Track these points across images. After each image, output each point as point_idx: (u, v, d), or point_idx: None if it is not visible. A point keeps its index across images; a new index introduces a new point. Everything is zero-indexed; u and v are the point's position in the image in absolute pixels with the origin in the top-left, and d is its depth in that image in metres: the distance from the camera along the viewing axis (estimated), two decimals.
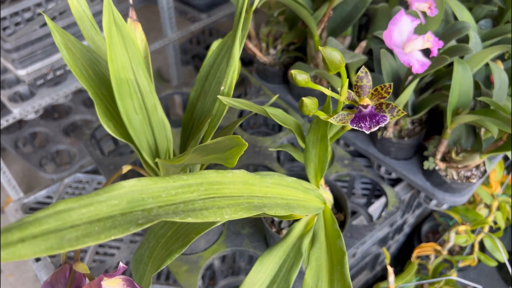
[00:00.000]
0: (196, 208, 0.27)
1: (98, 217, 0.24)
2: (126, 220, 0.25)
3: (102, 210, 0.24)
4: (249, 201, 0.31)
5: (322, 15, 0.69)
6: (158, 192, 0.27)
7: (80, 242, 0.22)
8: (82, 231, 0.23)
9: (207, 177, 0.30)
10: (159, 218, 0.25)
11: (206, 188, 0.29)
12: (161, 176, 0.28)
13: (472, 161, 0.65)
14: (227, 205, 0.29)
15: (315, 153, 0.51)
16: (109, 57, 0.42)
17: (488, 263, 0.77)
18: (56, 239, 0.22)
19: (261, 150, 0.75)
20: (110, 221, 0.24)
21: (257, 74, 0.90)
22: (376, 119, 0.40)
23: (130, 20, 0.52)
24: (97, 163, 0.71)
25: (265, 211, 0.31)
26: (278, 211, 0.33)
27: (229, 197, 0.30)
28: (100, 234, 0.23)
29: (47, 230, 0.22)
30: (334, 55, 0.35)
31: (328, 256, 0.40)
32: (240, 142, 0.30)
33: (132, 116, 0.46)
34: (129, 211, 0.25)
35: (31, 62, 0.98)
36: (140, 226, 0.24)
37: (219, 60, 0.53)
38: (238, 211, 0.29)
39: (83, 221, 0.24)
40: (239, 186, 0.31)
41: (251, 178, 0.33)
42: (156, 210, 0.26)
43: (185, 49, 1.71)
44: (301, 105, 0.38)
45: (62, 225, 0.23)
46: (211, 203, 0.28)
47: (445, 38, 0.66)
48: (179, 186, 0.28)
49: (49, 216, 0.23)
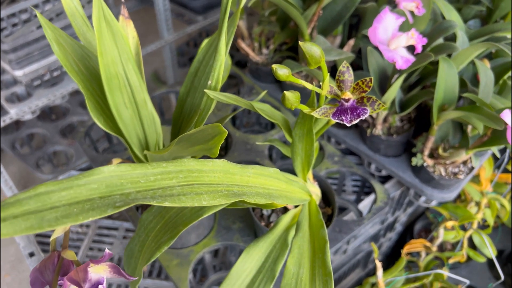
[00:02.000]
0: (174, 194, 0.28)
1: (77, 200, 0.25)
2: (104, 203, 0.26)
3: (81, 193, 0.26)
4: (229, 188, 0.32)
5: (312, 14, 0.70)
6: (137, 178, 0.28)
7: (59, 222, 0.23)
8: (62, 212, 0.24)
9: (187, 165, 0.31)
10: (136, 202, 0.26)
11: (185, 175, 0.30)
12: (140, 163, 0.29)
13: (458, 157, 0.66)
14: (205, 192, 0.30)
15: (302, 147, 0.52)
16: (99, 52, 0.43)
17: (477, 259, 0.78)
18: (36, 219, 0.23)
19: (253, 147, 0.76)
20: (89, 204, 0.25)
21: (250, 73, 0.91)
22: (357, 113, 0.41)
23: (122, 17, 0.53)
24: (91, 160, 0.73)
25: (245, 198, 0.32)
26: (258, 199, 0.34)
27: (208, 184, 0.31)
28: (78, 215, 0.24)
29: (28, 210, 0.24)
30: (314, 50, 0.37)
31: (311, 245, 0.41)
32: (221, 130, 0.31)
33: (122, 110, 0.47)
34: (107, 195, 0.26)
35: (28, 63, 0.99)
36: (118, 208, 0.26)
37: (208, 56, 0.54)
38: (216, 198, 0.30)
39: (63, 203, 0.25)
40: (219, 175, 0.32)
41: (232, 167, 0.34)
42: (134, 195, 0.27)
43: (182, 52, 1.72)
44: (283, 99, 0.40)
45: (42, 206, 0.24)
46: (190, 189, 0.29)
47: (432, 37, 0.67)
48: (158, 172, 0.29)
49: (29, 198, 0.24)
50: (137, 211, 0.60)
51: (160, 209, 0.43)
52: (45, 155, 1.28)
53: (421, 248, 0.78)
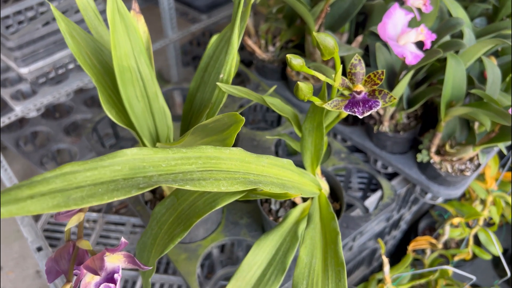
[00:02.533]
0: (194, 178, 0.29)
1: (101, 180, 0.26)
2: (128, 184, 0.26)
3: (105, 174, 0.26)
4: (245, 176, 0.33)
5: (319, 11, 0.71)
6: (159, 162, 0.28)
7: (85, 202, 0.24)
8: (87, 191, 0.25)
9: (205, 152, 0.31)
10: (158, 184, 0.27)
11: (204, 161, 0.30)
12: (161, 148, 0.29)
13: (465, 153, 0.66)
14: (223, 178, 0.30)
15: (311, 141, 0.52)
16: (113, 45, 0.43)
17: (483, 256, 0.78)
18: (62, 198, 0.23)
19: (259, 143, 0.76)
20: (113, 184, 0.26)
21: (256, 71, 0.92)
22: (369, 105, 0.41)
23: (133, 12, 0.54)
24: (98, 155, 0.73)
25: (261, 186, 0.33)
26: (273, 188, 0.35)
27: (226, 171, 0.31)
28: (103, 195, 0.25)
29: (54, 189, 0.24)
30: (328, 40, 0.37)
31: (323, 236, 0.41)
32: (238, 118, 0.31)
33: (134, 103, 0.48)
34: (131, 177, 0.27)
35: (34, 61, 1.00)
36: (141, 190, 0.26)
37: (218, 51, 0.54)
38: (234, 184, 0.31)
39: (88, 183, 0.25)
40: (236, 163, 0.33)
41: (247, 156, 0.34)
42: (156, 177, 0.27)
43: (185, 51, 1.73)
44: (297, 90, 0.40)
45: (68, 185, 0.24)
46: (209, 175, 0.30)
47: (439, 34, 0.67)
48: (179, 157, 0.29)
49: (56, 177, 0.24)
50: (146, 205, 0.60)
51: (173, 202, 0.43)
52: (49, 153, 1.28)
53: (426, 245, 0.78)
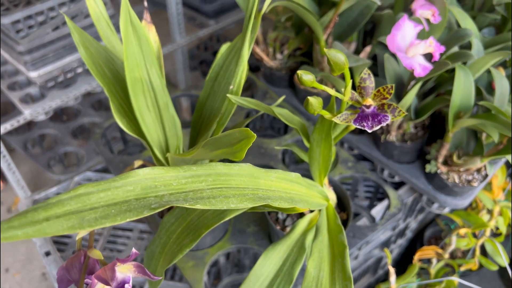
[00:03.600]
0: (205, 196, 0.29)
1: (114, 201, 0.26)
2: (140, 204, 0.27)
3: (118, 194, 0.27)
4: (254, 192, 0.33)
5: (328, 20, 0.71)
6: (170, 181, 0.29)
7: (99, 223, 0.24)
8: (101, 212, 0.25)
9: (215, 169, 0.31)
10: (170, 204, 0.27)
11: (214, 178, 0.31)
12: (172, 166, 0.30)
13: (473, 165, 0.66)
14: (233, 195, 0.31)
15: (319, 152, 0.52)
16: (125, 56, 0.44)
17: (489, 267, 0.78)
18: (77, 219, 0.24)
19: (267, 151, 0.77)
20: (126, 205, 0.26)
21: (264, 78, 0.92)
22: (378, 119, 0.42)
23: (144, 22, 0.54)
24: (107, 162, 0.74)
25: (269, 202, 0.33)
26: (282, 203, 0.35)
27: (235, 188, 0.32)
28: (116, 216, 0.25)
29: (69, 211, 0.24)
30: (339, 56, 0.37)
31: (330, 249, 0.41)
32: (250, 134, 0.32)
33: (145, 113, 0.48)
34: (143, 197, 0.27)
35: (43, 65, 1.01)
36: (153, 210, 0.26)
37: (228, 61, 0.55)
38: (243, 201, 0.31)
39: (101, 204, 0.26)
40: (245, 179, 0.33)
41: (256, 171, 0.35)
42: (167, 197, 0.28)
43: (192, 55, 1.73)
44: (307, 104, 0.40)
45: (82, 207, 0.25)
46: (218, 192, 0.30)
47: (448, 45, 0.67)
48: (189, 175, 0.30)
49: (70, 199, 0.25)
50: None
51: (182, 212, 0.43)
52: (56, 156, 1.30)
53: (433, 255, 0.78)
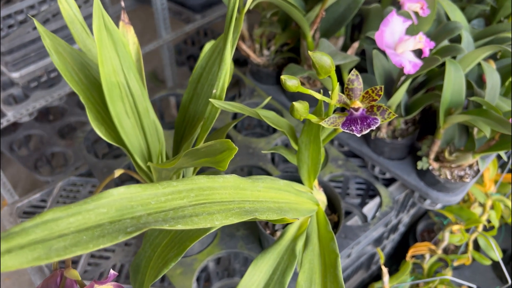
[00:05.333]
0: (186, 215, 0.27)
1: (86, 226, 0.24)
2: (115, 228, 0.24)
3: (90, 218, 0.24)
4: (241, 205, 0.31)
5: (314, 16, 0.69)
6: (148, 199, 0.27)
7: (68, 252, 0.22)
8: (70, 240, 0.23)
9: (198, 183, 0.30)
10: (148, 226, 0.25)
11: (196, 193, 0.29)
12: (150, 183, 0.28)
13: (465, 161, 0.65)
14: (217, 211, 0.29)
15: (308, 155, 0.51)
16: (100, 61, 0.41)
17: (483, 261, 0.78)
18: (43, 249, 0.22)
19: (255, 151, 0.75)
20: (99, 230, 0.24)
21: (251, 75, 0.90)
22: (367, 122, 0.40)
23: (122, 23, 0.52)
24: (91, 166, 0.71)
25: (257, 216, 0.31)
26: (270, 215, 0.33)
27: (220, 202, 0.30)
28: (88, 243, 0.23)
29: (34, 240, 0.22)
30: (324, 60, 0.35)
31: (321, 259, 0.40)
32: (230, 146, 0.30)
33: (124, 120, 0.46)
34: (118, 219, 0.25)
35: (25, 65, 0.98)
36: (129, 235, 0.24)
37: (211, 62, 0.53)
38: (229, 217, 0.29)
39: (71, 230, 0.23)
40: (230, 191, 0.31)
41: (242, 182, 0.33)
42: (145, 218, 0.26)
43: (179, 50, 1.70)
44: (292, 110, 0.38)
45: (50, 234, 0.23)
46: (202, 209, 0.28)
47: (437, 38, 0.66)
48: (169, 192, 0.28)
49: (36, 226, 0.23)
50: None
51: None
52: (43, 157, 1.27)
53: (426, 251, 0.78)
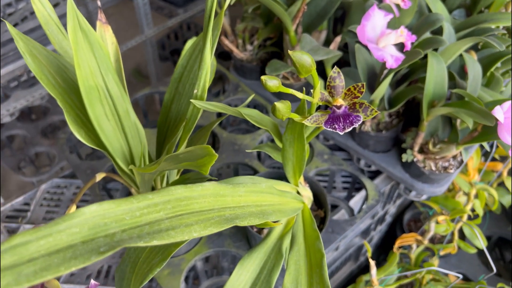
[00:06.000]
0: (162, 229, 0.27)
1: (57, 248, 0.23)
2: (87, 248, 0.24)
3: (61, 239, 0.24)
4: (220, 214, 0.31)
5: (296, 10, 0.68)
6: (122, 215, 0.26)
7: (38, 277, 0.21)
8: (40, 264, 0.22)
9: (175, 193, 0.29)
10: (122, 244, 0.24)
11: (173, 205, 0.28)
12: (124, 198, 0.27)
13: (449, 152, 0.66)
14: (195, 221, 0.28)
15: (293, 152, 0.50)
16: (76, 64, 0.40)
17: (468, 250, 0.79)
18: (12, 276, 0.21)
19: (241, 147, 0.75)
20: (71, 251, 0.23)
21: (235, 70, 0.89)
22: (350, 120, 0.40)
23: (99, 23, 0.51)
24: (74, 168, 0.70)
25: (237, 222, 0.31)
26: (252, 220, 0.33)
27: (199, 212, 0.29)
28: (59, 266, 0.22)
29: (3, 266, 0.21)
30: (304, 59, 0.35)
31: (307, 259, 0.40)
32: (211, 152, 0.29)
33: (104, 122, 0.45)
34: (90, 238, 0.24)
35: (4, 64, 0.96)
36: (102, 254, 0.24)
37: (192, 61, 0.52)
38: (207, 227, 0.29)
39: (42, 253, 0.23)
40: (209, 199, 0.31)
41: (222, 189, 0.32)
42: (119, 235, 0.25)
43: (163, 44, 1.68)
44: (274, 110, 0.38)
45: (19, 259, 0.22)
46: (179, 221, 0.28)
47: (419, 31, 0.66)
48: (144, 206, 0.27)
49: (4, 252, 0.22)
50: None
51: None
52: (27, 157, 1.25)
53: (413, 242, 0.78)
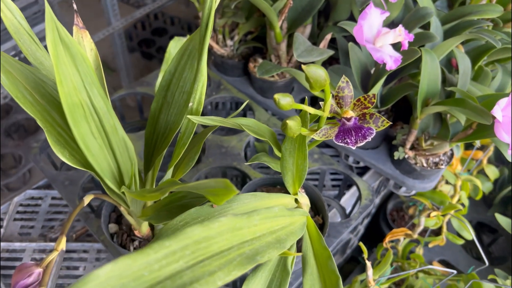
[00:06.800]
0: (186, 283, 0.24)
1: None
2: None
3: None
4: (240, 251, 0.28)
5: (282, 5, 0.65)
6: (140, 271, 0.23)
7: None
8: None
9: (192, 236, 0.26)
10: None
11: (192, 250, 0.25)
12: (140, 250, 0.24)
13: (442, 150, 0.65)
14: (218, 267, 0.26)
15: (293, 162, 0.48)
16: (58, 81, 0.36)
17: (456, 241, 0.79)
18: None
19: (228, 150, 0.71)
20: None
21: (215, 67, 0.85)
22: (362, 133, 0.38)
23: (76, 28, 0.46)
24: (50, 180, 0.65)
25: (259, 260, 0.28)
26: (271, 252, 0.30)
27: (219, 253, 0.27)
28: None
29: None
30: (319, 73, 0.32)
31: (322, 283, 0.38)
32: (229, 186, 0.26)
33: (90, 141, 0.41)
34: None
35: None
36: None
37: (181, 68, 0.48)
38: (231, 271, 0.26)
39: None
40: (227, 236, 0.28)
41: (238, 221, 0.30)
42: None
43: (130, 35, 1.61)
44: (285, 128, 0.35)
45: None
46: (201, 270, 0.25)
47: (408, 26, 0.64)
48: (162, 256, 0.24)
49: None
50: (112, 239, 0.55)
51: None
52: None
53: (402, 236, 0.78)
